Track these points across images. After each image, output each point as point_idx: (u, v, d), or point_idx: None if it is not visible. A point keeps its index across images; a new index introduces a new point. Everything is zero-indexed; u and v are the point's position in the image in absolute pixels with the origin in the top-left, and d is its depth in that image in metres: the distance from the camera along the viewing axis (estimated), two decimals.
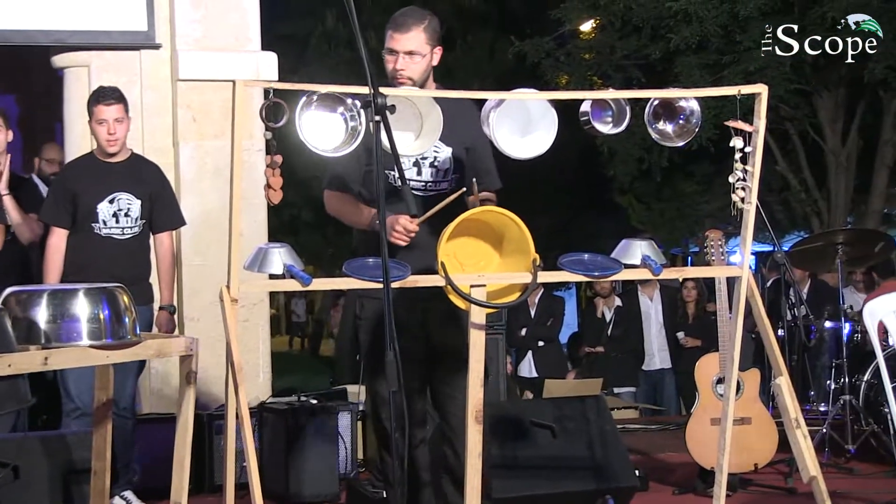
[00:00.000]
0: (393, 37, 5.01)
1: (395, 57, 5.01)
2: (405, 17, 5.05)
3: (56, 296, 4.02)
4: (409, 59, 5.00)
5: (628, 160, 16.65)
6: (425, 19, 5.07)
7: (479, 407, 4.63)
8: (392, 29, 5.03)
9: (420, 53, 5.02)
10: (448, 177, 5.12)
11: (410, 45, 5.00)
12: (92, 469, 4.67)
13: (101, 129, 6.44)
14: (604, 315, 12.28)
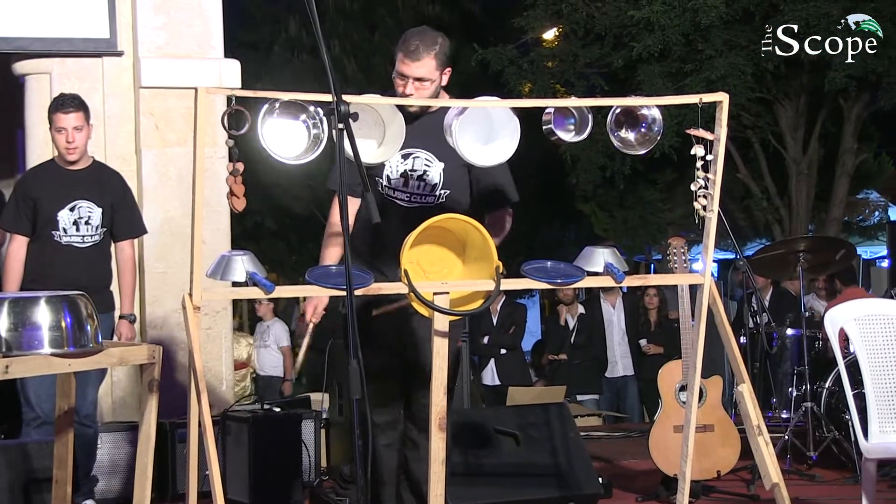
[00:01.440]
0: (404, 62, 5.03)
1: (406, 81, 5.03)
2: (417, 41, 5.04)
3: (17, 303, 3.99)
4: (419, 85, 5.02)
5: (591, 168, 16.69)
6: (436, 44, 5.08)
7: (443, 414, 4.63)
8: (403, 53, 5.04)
9: (430, 80, 5.05)
10: (435, 192, 5.13)
11: (421, 71, 5.03)
12: (53, 478, 4.65)
13: (60, 137, 6.40)
14: (567, 322, 12.30)
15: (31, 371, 4.10)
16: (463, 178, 5.16)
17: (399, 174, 5.10)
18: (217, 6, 8.22)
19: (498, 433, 6.30)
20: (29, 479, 5.42)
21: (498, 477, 6.18)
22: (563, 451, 6.32)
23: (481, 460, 6.20)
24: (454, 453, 5.52)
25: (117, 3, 7.98)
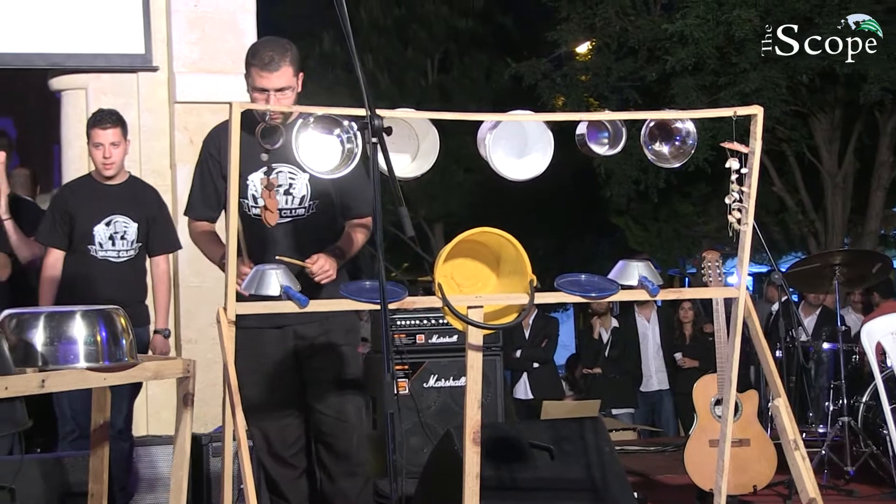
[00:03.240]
0: (261, 75, 4.93)
1: (266, 95, 4.93)
2: (271, 52, 4.95)
3: (53, 318, 4.01)
4: (281, 95, 4.94)
5: (625, 181, 16.66)
6: (288, 51, 4.99)
7: (477, 428, 4.62)
8: (259, 67, 4.93)
9: (290, 87, 4.98)
10: (304, 203, 5.11)
11: (281, 81, 4.95)
12: (89, 492, 4.66)
13: (98, 152, 6.43)
14: (601, 336, 12.26)
15: (66, 385, 4.12)
16: (329, 188, 5.09)
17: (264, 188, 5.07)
18: (251, 21, 8.25)
19: (532, 447, 6.27)
20: (65, 492, 5.44)
21: (532, 491, 6.16)
22: (598, 466, 6.29)
23: (515, 475, 6.17)
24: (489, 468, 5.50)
25: (152, 19, 8.03)
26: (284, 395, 5.18)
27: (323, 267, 4.89)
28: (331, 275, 4.93)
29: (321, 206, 5.10)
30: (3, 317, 4.04)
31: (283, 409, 5.19)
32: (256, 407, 4.92)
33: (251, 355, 4.98)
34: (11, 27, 7.81)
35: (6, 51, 7.88)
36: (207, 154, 5.18)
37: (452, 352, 7.47)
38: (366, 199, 5.22)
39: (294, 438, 5.26)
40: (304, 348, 5.11)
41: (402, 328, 7.51)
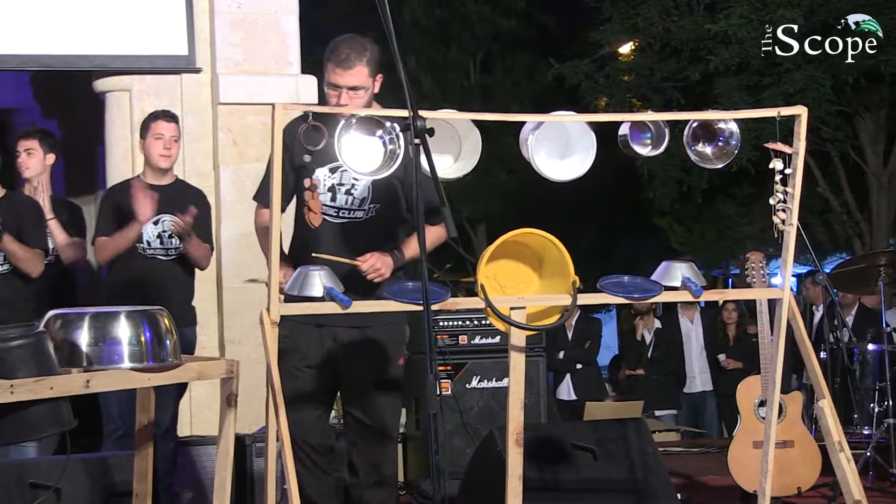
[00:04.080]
0: (336, 72, 4.97)
1: (339, 92, 4.97)
2: (348, 49, 4.99)
3: (98, 318, 4.04)
4: (353, 94, 4.97)
5: (668, 182, 16.62)
6: (367, 51, 5.02)
7: (520, 429, 4.62)
8: (335, 63, 4.97)
9: (364, 87, 5.00)
10: (364, 206, 5.11)
11: (354, 80, 4.98)
12: (133, 492, 4.69)
13: (158, 143, 6.49)
14: (643, 337, 12.23)
15: (111, 385, 4.14)
16: (394, 192, 5.09)
17: (327, 189, 5.06)
18: (294, 22, 8.28)
19: (575, 448, 6.26)
20: (110, 492, 5.45)
21: (575, 492, 6.15)
22: (641, 467, 6.27)
23: (558, 475, 6.17)
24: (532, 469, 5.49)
25: (196, 21, 8.06)
26: (317, 393, 5.16)
27: (374, 265, 4.88)
28: (383, 273, 4.92)
29: (381, 210, 5.10)
30: (48, 317, 4.07)
31: (313, 408, 5.18)
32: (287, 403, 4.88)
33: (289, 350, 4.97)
34: (56, 29, 7.86)
35: (51, 52, 7.94)
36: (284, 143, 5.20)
37: (495, 353, 7.46)
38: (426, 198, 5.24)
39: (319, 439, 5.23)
40: (340, 351, 5.09)
41: (445, 329, 7.51)
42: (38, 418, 3.86)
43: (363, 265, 4.87)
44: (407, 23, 21.01)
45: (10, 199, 6.63)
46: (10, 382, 3.67)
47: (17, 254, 6.43)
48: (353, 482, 5.25)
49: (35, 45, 7.88)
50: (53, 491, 5.24)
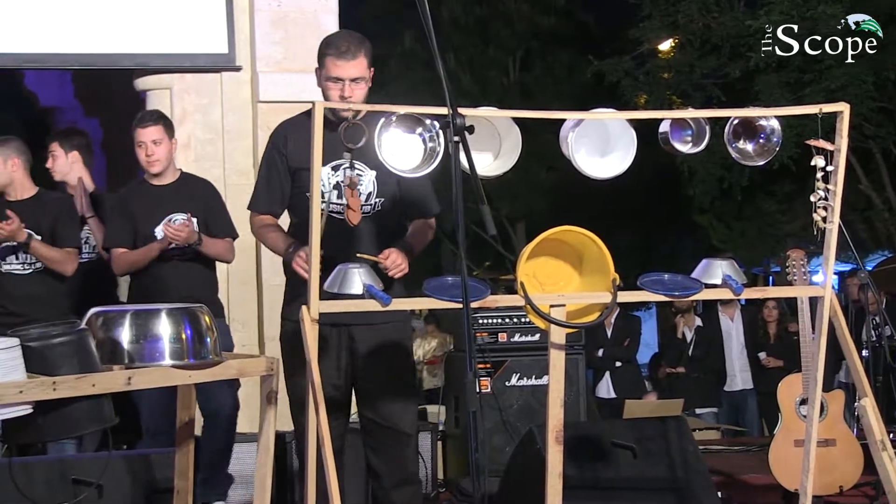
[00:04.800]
0: (337, 64, 4.97)
1: (341, 84, 4.97)
2: (348, 42, 5.00)
3: (139, 316, 4.06)
4: (356, 85, 4.96)
5: (708, 179, 16.55)
6: (364, 42, 5.04)
7: (560, 427, 4.61)
8: (335, 56, 4.97)
9: (364, 78, 5.00)
10: (370, 200, 5.08)
11: (356, 71, 4.97)
12: (174, 488, 4.71)
13: (140, 151, 6.46)
14: (684, 335, 12.18)
15: (152, 383, 4.16)
16: (395, 186, 5.08)
17: (332, 187, 5.04)
18: (333, 21, 8.29)
19: (615, 446, 6.25)
20: (151, 489, 5.50)
21: (614, 490, 6.14)
22: (681, 465, 6.25)
23: (598, 474, 6.16)
24: (571, 467, 5.48)
25: (236, 19, 8.09)
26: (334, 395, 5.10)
27: (396, 261, 4.88)
28: (404, 269, 4.92)
29: (387, 204, 5.09)
30: (90, 315, 4.10)
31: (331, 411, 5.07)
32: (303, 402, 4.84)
33: None
34: (97, 28, 7.91)
35: (92, 51, 7.98)
36: (275, 149, 5.20)
37: (535, 350, 7.46)
38: (430, 200, 5.25)
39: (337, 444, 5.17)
40: (356, 351, 5.06)
41: (485, 327, 7.50)
42: (81, 415, 3.89)
43: (385, 261, 4.86)
44: (446, 20, 21.02)
45: (42, 198, 6.67)
46: (53, 379, 3.70)
47: (47, 257, 6.47)
48: (375, 485, 5.22)
49: (76, 44, 7.93)
50: (95, 487, 5.28)
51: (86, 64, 8.23)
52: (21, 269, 6.54)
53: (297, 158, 5.07)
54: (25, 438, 4.09)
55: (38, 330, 3.86)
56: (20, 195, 6.63)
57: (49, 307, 6.41)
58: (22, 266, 6.54)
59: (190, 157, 8.06)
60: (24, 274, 6.55)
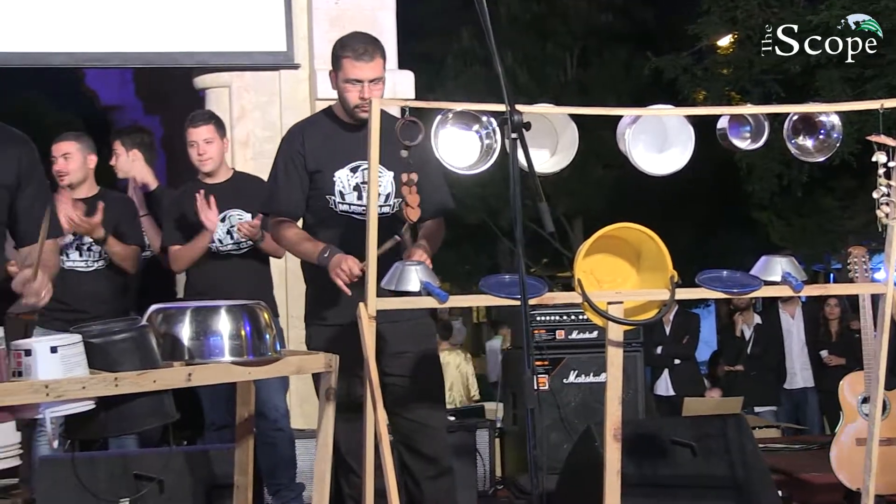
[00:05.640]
0: (356, 65, 4.97)
1: (360, 86, 4.97)
2: (364, 44, 5.01)
3: (199, 313, 4.09)
4: (374, 86, 4.97)
5: (767, 176, 16.43)
6: (379, 43, 5.06)
7: (618, 424, 4.60)
8: (353, 58, 4.97)
9: (382, 78, 5.02)
10: (390, 201, 5.09)
11: (375, 72, 4.99)
12: (234, 484, 4.74)
13: (192, 151, 6.49)
14: (743, 333, 12.12)
15: (212, 379, 4.19)
16: None
17: (352, 188, 5.05)
18: (391, 18, 8.30)
19: (674, 444, 6.23)
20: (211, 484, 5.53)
21: (673, 488, 6.11)
22: (741, 464, 6.22)
23: (656, 471, 6.14)
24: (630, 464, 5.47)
25: (294, 17, 8.12)
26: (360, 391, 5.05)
27: (421, 260, 4.88)
28: None
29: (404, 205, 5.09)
30: (150, 312, 4.13)
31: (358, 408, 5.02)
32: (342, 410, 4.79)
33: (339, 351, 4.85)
34: (157, 27, 7.98)
35: (152, 50, 8.05)
36: (291, 150, 5.18)
37: (592, 348, 7.44)
38: (448, 197, 5.25)
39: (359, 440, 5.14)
40: (383, 349, 5.03)
41: (542, 324, 7.49)
42: (142, 411, 3.92)
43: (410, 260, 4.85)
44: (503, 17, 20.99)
45: (104, 197, 6.73)
46: (115, 375, 3.73)
47: (119, 253, 6.53)
48: (409, 481, 5.22)
49: (136, 43, 8.00)
50: (157, 482, 5.32)
51: (146, 62, 8.31)
52: (84, 266, 6.60)
53: (315, 159, 5.10)
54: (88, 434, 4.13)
55: (99, 326, 3.89)
56: (86, 193, 6.70)
57: (110, 304, 6.48)
58: (85, 263, 6.60)
59: (248, 154, 8.11)
60: (87, 271, 6.61)
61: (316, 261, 4.91)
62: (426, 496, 5.16)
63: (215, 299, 4.66)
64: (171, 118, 10.51)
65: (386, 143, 4.49)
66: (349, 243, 4.80)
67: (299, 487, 6.49)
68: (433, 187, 5.09)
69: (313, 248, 4.96)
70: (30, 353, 3.61)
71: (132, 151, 7.23)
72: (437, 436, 5.20)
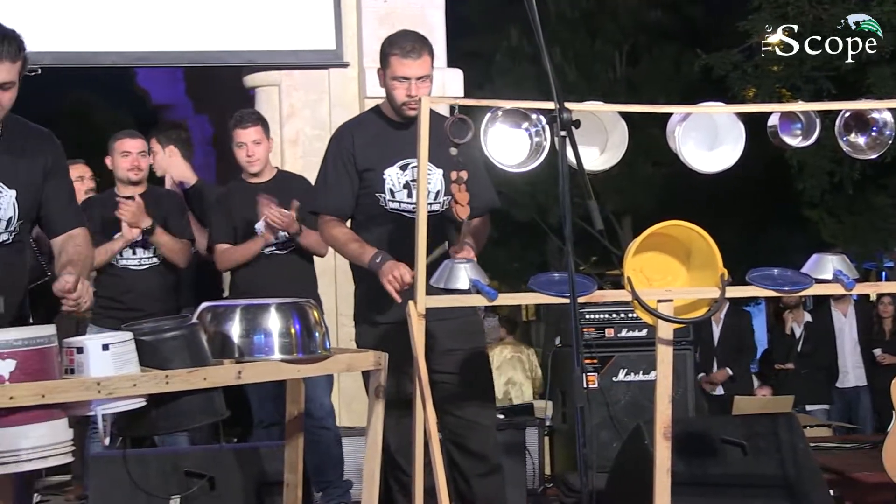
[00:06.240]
0: (403, 63, 4.98)
1: (408, 83, 4.98)
2: (412, 42, 5.02)
3: (249, 311, 4.11)
4: (421, 84, 4.97)
5: (818, 173, 16.31)
6: (426, 41, 5.08)
7: (668, 423, 4.58)
8: (401, 55, 4.99)
9: (429, 76, 5.03)
10: (439, 199, 5.09)
11: (422, 69, 5.00)
12: (284, 482, 4.76)
13: (241, 151, 6.51)
14: (793, 331, 12.05)
15: (261, 376, 4.21)
16: None
17: (402, 186, 5.05)
18: (440, 16, 8.31)
19: (724, 443, 6.20)
20: (261, 481, 5.55)
21: (724, 487, 6.08)
22: (792, 463, 6.18)
23: (707, 470, 6.11)
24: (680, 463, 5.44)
25: (343, 16, 8.15)
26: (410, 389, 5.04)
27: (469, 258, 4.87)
28: None
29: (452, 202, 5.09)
30: (200, 310, 4.15)
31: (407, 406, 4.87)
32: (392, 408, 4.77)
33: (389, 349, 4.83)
34: (207, 26, 8.03)
35: (202, 49, 8.10)
36: (341, 149, 5.19)
37: (642, 346, 7.40)
38: (493, 193, 5.26)
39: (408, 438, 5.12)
40: (432, 347, 5.00)
41: (592, 322, 7.47)
42: (193, 408, 3.94)
43: None
44: (552, 14, 20.93)
45: (154, 193, 6.77)
46: (165, 373, 3.75)
47: (168, 245, 6.57)
48: (458, 478, 5.21)
49: (187, 42, 8.06)
50: (207, 480, 5.35)
51: (196, 62, 8.37)
52: (137, 265, 6.64)
53: (364, 158, 5.11)
54: (139, 431, 4.15)
55: (150, 324, 3.92)
56: (136, 190, 6.72)
57: (162, 302, 6.51)
58: (138, 261, 6.64)
59: (297, 152, 8.14)
60: (140, 269, 6.64)
61: (367, 265, 4.92)
62: (476, 494, 5.16)
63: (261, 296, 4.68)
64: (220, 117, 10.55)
65: (434, 141, 4.49)
66: (399, 241, 4.80)
67: (346, 485, 6.51)
68: (480, 185, 5.09)
69: (364, 251, 4.97)
70: (82, 351, 3.64)
71: (168, 148, 7.26)
72: (486, 434, 5.19)
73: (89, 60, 8.19)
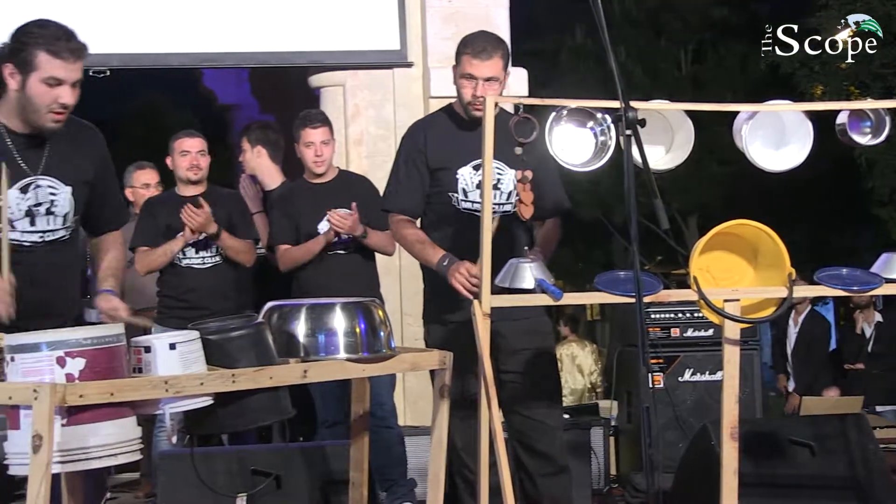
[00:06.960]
0: (472, 63, 4.98)
1: (475, 83, 4.97)
2: (485, 42, 5.02)
3: (314, 310, 4.12)
4: (489, 85, 4.95)
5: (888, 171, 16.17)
6: (501, 44, 5.06)
7: (735, 423, 4.55)
8: (471, 55, 4.99)
9: (498, 79, 5.00)
10: (511, 199, 5.05)
11: (491, 71, 4.98)
12: (350, 480, 4.77)
13: (309, 151, 6.53)
14: (863, 331, 11.94)
15: (327, 375, 4.22)
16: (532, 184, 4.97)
17: (475, 185, 5.01)
18: (504, 16, 8.31)
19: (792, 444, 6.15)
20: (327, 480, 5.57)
21: (792, 489, 6.03)
22: (862, 464, 6.11)
23: (774, 471, 6.06)
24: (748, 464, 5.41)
25: (407, 16, 8.16)
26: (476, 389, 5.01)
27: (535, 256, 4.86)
28: None
29: None
30: (266, 309, 4.17)
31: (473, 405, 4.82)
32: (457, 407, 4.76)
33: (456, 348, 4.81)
34: (272, 27, 8.07)
35: (267, 50, 8.15)
36: (413, 148, 5.20)
37: (708, 346, 7.36)
38: (564, 195, 5.25)
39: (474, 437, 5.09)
40: (500, 347, 5.01)
41: (657, 321, 7.44)
42: (259, 407, 3.96)
43: None
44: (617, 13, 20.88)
45: (216, 193, 6.80)
46: (232, 372, 3.77)
47: (234, 247, 6.60)
48: (524, 478, 5.20)
49: (252, 43, 8.11)
50: (274, 478, 5.38)
51: (261, 62, 8.42)
52: (200, 263, 6.67)
53: (436, 157, 5.11)
54: (205, 429, 4.17)
55: (217, 323, 3.94)
56: (196, 190, 6.75)
57: (226, 300, 6.54)
58: (201, 260, 6.67)
59: (362, 152, 8.16)
60: (203, 268, 6.67)
61: (434, 267, 4.94)
62: (542, 493, 5.15)
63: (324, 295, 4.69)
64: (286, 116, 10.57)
65: (507, 141, 4.49)
66: (470, 241, 4.81)
67: (410, 483, 6.52)
68: (551, 186, 5.09)
69: (433, 252, 4.98)
70: (149, 350, 3.67)
71: (256, 148, 7.27)
72: (553, 434, 5.18)
73: (156, 62, 8.26)
